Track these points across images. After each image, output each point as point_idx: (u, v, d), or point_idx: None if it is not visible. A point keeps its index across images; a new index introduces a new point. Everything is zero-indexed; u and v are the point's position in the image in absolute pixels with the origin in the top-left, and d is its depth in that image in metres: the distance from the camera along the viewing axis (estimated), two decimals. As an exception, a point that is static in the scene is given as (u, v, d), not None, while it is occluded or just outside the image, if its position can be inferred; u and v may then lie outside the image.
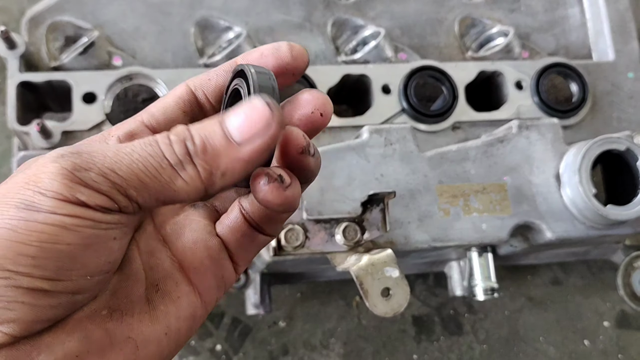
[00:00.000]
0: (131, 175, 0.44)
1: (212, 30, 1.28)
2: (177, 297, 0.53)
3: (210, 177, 0.46)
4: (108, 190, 0.44)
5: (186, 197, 0.47)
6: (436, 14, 1.36)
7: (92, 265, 0.45)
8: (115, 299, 0.50)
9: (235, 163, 0.46)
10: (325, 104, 0.54)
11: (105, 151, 0.45)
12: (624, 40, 1.34)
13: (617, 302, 1.52)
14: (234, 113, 0.46)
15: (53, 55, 1.22)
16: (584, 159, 1.05)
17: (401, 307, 0.91)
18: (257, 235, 0.56)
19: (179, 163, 0.45)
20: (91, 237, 0.44)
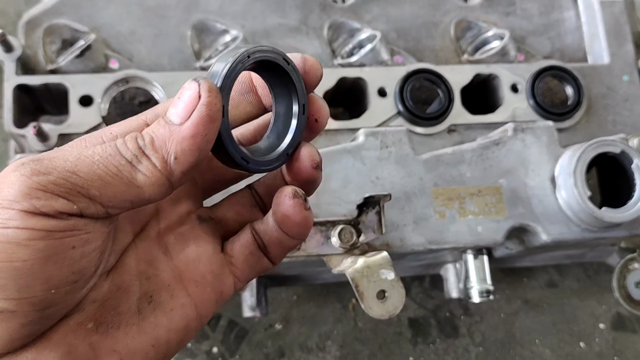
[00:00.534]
0: (92, 176, 0.45)
1: (209, 33, 1.28)
2: (171, 309, 0.53)
3: (165, 165, 0.46)
4: (67, 191, 0.44)
5: (152, 192, 0.47)
6: (432, 17, 1.36)
7: (54, 278, 0.44)
8: (103, 310, 0.50)
9: (182, 143, 0.46)
10: (321, 109, 0.56)
11: (67, 155, 0.45)
12: (619, 43, 1.34)
13: (613, 305, 1.52)
14: (172, 102, 0.47)
15: (50, 58, 1.22)
16: (579, 162, 1.06)
17: (397, 310, 0.91)
18: (263, 257, 0.58)
19: (135, 157, 0.46)
20: (47, 249, 0.43)
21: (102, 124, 1.15)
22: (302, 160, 0.55)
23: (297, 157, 0.55)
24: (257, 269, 0.58)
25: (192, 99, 0.46)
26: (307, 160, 0.55)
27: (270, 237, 0.56)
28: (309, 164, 0.55)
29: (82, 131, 1.14)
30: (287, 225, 0.54)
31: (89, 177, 0.45)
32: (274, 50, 0.53)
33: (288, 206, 0.53)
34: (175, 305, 0.53)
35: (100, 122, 1.15)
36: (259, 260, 0.58)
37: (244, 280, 0.58)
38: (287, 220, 0.53)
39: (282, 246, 0.57)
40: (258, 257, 0.57)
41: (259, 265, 0.58)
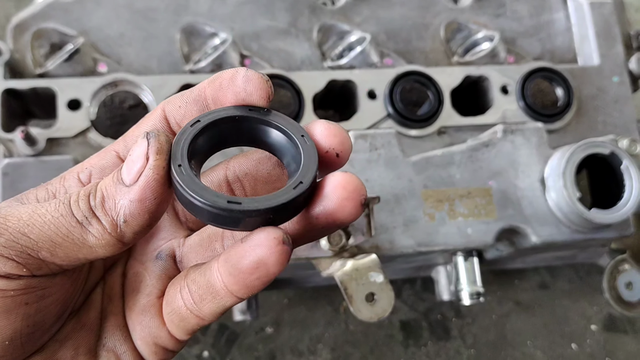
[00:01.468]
0: (42, 237, 0.44)
1: (198, 36, 1.28)
2: (123, 352, 0.51)
3: (115, 228, 0.44)
4: (17, 254, 0.43)
5: (104, 252, 0.45)
6: (422, 19, 1.36)
7: (7, 331, 0.44)
8: (63, 350, 0.49)
9: (131, 206, 0.43)
10: (344, 142, 0.47)
11: (21, 213, 0.44)
12: (609, 45, 1.34)
13: (604, 306, 1.53)
14: (126, 160, 0.44)
15: (38, 62, 1.21)
16: (569, 163, 1.06)
17: (385, 312, 0.91)
18: (189, 314, 0.49)
19: (85, 219, 0.44)
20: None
21: (90, 127, 1.14)
22: (339, 194, 0.43)
23: (334, 189, 0.44)
24: (188, 328, 0.50)
25: (141, 159, 0.43)
26: (350, 193, 0.43)
27: (205, 289, 0.47)
28: (355, 199, 0.43)
29: (71, 135, 1.13)
30: (247, 276, 0.43)
31: (40, 238, 0.44)
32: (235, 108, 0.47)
33: (269, 252, 0.42)
34: (128, 348, 0.51)
35: (88, 126, 1.14)
36: (185, 319, 0.49)
37: (180, 335, 0.51)
38: (255, 270, 0.43)
39: (217, 303, 0.47)
40: (183, 315, 0.49)
41: (188, 325, 0.49)
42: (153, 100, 1.17)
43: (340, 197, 0.43)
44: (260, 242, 0.42)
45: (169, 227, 0.55)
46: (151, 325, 0.50)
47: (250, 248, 0.42)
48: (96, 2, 1.25)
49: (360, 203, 0.43)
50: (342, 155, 0.47)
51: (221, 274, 0.45)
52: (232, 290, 0.45)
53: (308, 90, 1.20)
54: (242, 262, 0.43)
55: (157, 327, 0.50)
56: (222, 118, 0.47)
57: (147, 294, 0.51)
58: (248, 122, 0.48)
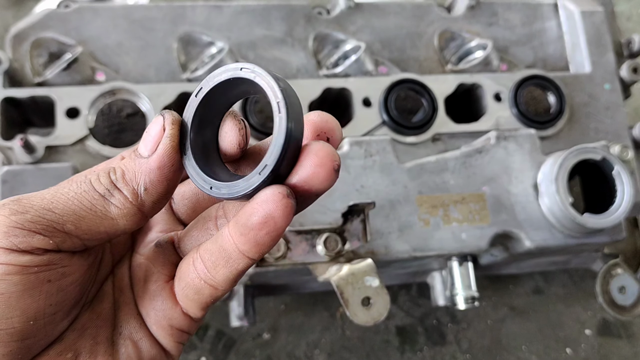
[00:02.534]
0: (67, 211, 0.47)
1: (195, 45, 1.30)
2: (139, 338, 0.54)
3: (136, 197, 0.48)
4: (44, 228, 0.46)
5: (126, 223, 0.49)
6: (416, 28, 1.38)
7: (31, 310, 0.46)
8: (82, 340, 0.51)
9: (150, 174, 0.48)
10: (334, 128, 0.49)
11: (44, 194, 0.48)
12: (600, 53, 1.36)
13: (598, 310, 1.54)
14: (142, 137, 0.49)
15: (37, 71, 1.23)
16: (561, 169, 1.07)
17: (381, 316, 0.92)
18: (204, 285, 0.51)
19: (107, 192, 0.48)
20: (22, 283, 0.45)
21: (88, 135, 1.15)
22: (312, 161, 0.45)
23: (307, 157, 0.46)
24: (202, 301, 0.52)
25: (158, 132, 0.48)
26: (321, 159, 0.45)
27: (218, 255, 0.50)
28: (327, 165, 0.45)
29: (69, 143, 1.15)
30: (256, 232, 0.46)
31: (64, 212, 0.47)
32: (229, 68, 0.49)
33: (275, 206, 0.44)
34: (143, 335, 0.54)
35: (87, 134, 1.15)
36: (199, 290, 0.51)
37: (193, 311, 0.53)
38: (264, 225, 0.45)
39: (230, 267, 0.50)
40: (197, 287, 0.51)
41: (202, 297, 0.52)
42: (151, 108, 1.18)
43: (313, 164, 0.45)
44: (267, 197, 0.45)
45: (167, 221, 0.59)
46: (164, 307, 0.53)
47: (258, 205, 0.45)
48: (94, 12, 1.27)
49: (333, 169, 0.45)
50: (332, 140, 0.49)
51: (232, 236, 0.47)
52: (244, 251, 0.47)
53: (304, 98, 1.22)
54: (251, 219, 0.45)
55: (171, 308, 0.53)
56: (219, 83, 0.50)
57: (155, 280, 0.54)
58: (244, 84, 0.50)
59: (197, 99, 0.50)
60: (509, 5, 1.43)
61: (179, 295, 0.53)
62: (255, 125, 1.18)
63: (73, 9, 1.26)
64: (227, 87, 0.51)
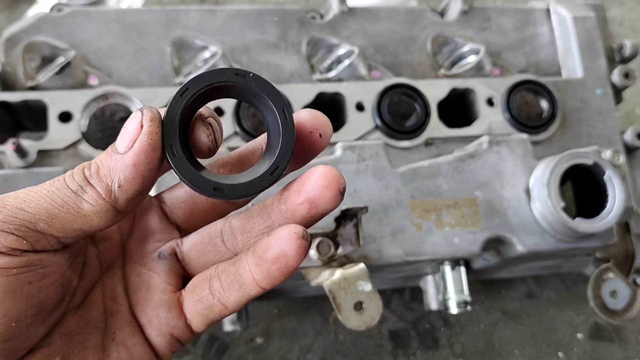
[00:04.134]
0: (39, 210, 0.47)
1: (188, 49, 1.30)
2: (133, 344, 0.54)
3: (109, 193, 0.48)
4: (16, 228, 0.46)
5: (100, 220, 0.49)
6: (409, 33, 1.38)
7: (13, 312, 0.46)
8: (70, 345, 0.51)
9: (125, 171, 0.47)
10: (324, 122, 0.52)
11: (18, 193, 0.47)
12: (592, 58, 1.37)
13: (590, 315, 1.54)
14: (120, 133, 0.49)
15: (29, 75, 1.22)
16: (553, 173, 1.08)
17: (374, 321, 0.93)
18: (215, 303, 0.53)
19: (80, 188, 0.48)
20: (3, 286, 0.45)
21: (81, 139, 1.15)
22: (319, 183, 0.48)
23: (315, 179, 0.49)
24: (210, 317, 0.54)
25: (135, 129, 0.47)
26: (329, 181, 0.48)
27: (234, 279, 0.52)
28: (334, 187, 0.49)
29: (62, 147, 1.14)
30: (270, 265, 0.48)
31: (36, 211, 0.47)
32: (221, 71, 0.50)
33: (290, 245, 0.47)
34: (137, 341, 0.54)
35: (79, 138, 1.15)
36: (210, 307, 0.53)
37: (197, 325, 0.55)
38: (277, 261, 0.48)
39: (243, 293, 0.52)
40: (209, 304, 0.53)
41: (211, 313, 0.54)
42: (144, 112, 1.18)
43: (320, 186, 0.48)
44: (283, 236, 0.47)
45: (162, 229, 0.58)
46: (169, 316, 0.54)
47: (274, 241, 0.48)
48: (87, 16, 1.27)
49: (339, 191, 0.49)
50: (324, 136, 0.51)
51: (249, 264, 0.50)
52: (257, 280, 0.50)
53: (297, 102, 1.22)
54: (267, 253, 0.48)
55: (175, 318, 0.54)
56: (209, 85, 0.50)
57: (162, 291, 0.55)
58: (235, 89, 0.51)
59: (182, 98, 0.49)
60: (502, 10, 1.44)
61: (188, 308, 0.54)
62: (249, 130, 1.18)
63: (66, 12, 1.26)
64: (218, 91, 0.51)
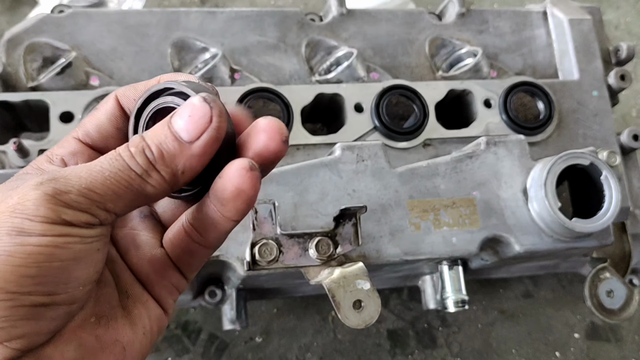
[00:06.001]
0: (107, 191, 0.49)
1: (189, 50, 1.31)
2: (146, 300, 0.58)
3: (174, 178, 0.51)
4: (89, 207, 0.48)
5: (157, 198, 0.53)
6: (407, 35, 1.39)
7: (83, 276, 0.49)
8: (99, 306, 0.54)
9: (191, 160, 0.50)
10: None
11: (79, 172, 0.49)
12: (588, 60, 1.38)
13: (587, 314, 1.55)
14: (178, 115, 0.51)
15: (31, 75, 1.23)
16: (550, 174, 1.09)
17: (372, 319, 0.93)
18: (197, 247, 0.58)
19: (145, 172, 0.50)
20: (81, 252, 0.48)
21: (82, 140, 1.16)
22: (263, 134, 0.53)
23: (258, 129, 0.54)
24: (196, 259, 0.59)
25: (204, 121, 0.50)
26: (270, 133, 0.53)
27: (200, 225, 0.56)
28: (275, 138, 0.53)
29: (63, 147, 1.15)
30: (233, 202, 0.52)
31: (104, 192, 0.49)
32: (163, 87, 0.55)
33: (242, 180, 0.51)
34: (148, 297, 0.58)
35: (81, 138, 1.16)
36: (193, 251, 0.58)
37: (189, 271, 0.60)
38: (237, 197, 0.51)
39: (220, 230, 0.56)
40: (191, 248, 0.58)
41: (197, 255, 0.59)
42: (144, 113, 1.19)
43: (264, 139, 0.53)
44: (233, 174, 0.51)
45: None
46: (165, 269, 0.59)
47: (227, 181, 0.51)
48: (88, 17, 1.27)
49: (282, 140, 0.53)
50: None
51: (215, 206, 0.53)
52: (228, 217, 0.53)
53: (296, 103, 1.23)
54: (224, 193, 0.51)
55: (171, 269, 0.59)
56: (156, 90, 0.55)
57: (151, 246, 0.59)
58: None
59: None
60: (499, 13, 1.45)
61: (175, 259, 0.59)
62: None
63: (67, 14, 1.27)
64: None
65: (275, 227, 0.99)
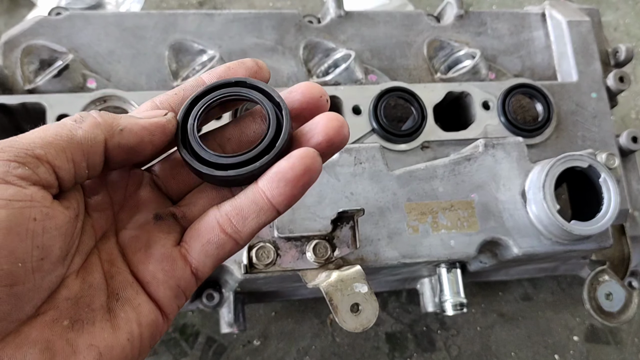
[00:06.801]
0: (34, 139, 0.49)
1: (186, 53, 1.30)
2: (138, 304, 0.55)
3: (110, 128, 0.53)
4: (16, 154, 0.47)
5: (90, 149, 0.52)
6: (405, 37, 1.39)
7: (18, 250, 0.46)
8: (77, 308, 0.52)
9: (133, 125, 0.54)
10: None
11: (21, 134, 0.50)
12: (587, 62, 1.38)
13: (587, 317, 1.55)
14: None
15: (28, 78, 1.23)
16: (548, 176, 1.08)
17: (370, 323, 0.93)
18: (227, 240, 0.57)
19: (79, 117, 0.52)
20: (8, 219, 0.45)
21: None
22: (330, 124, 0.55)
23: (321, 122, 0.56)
24: (220, 257, 0.58)
25: (158, 112, 0.55)
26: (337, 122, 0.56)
27: (249, 210, 0.56)
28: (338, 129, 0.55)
29: (60, 150, 1.15)
30: (295, 182, 0.53)
31: (31, 139, 0.49)
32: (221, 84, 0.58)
33: (312, 161, 0.52)
34: (142, 300, 0.56)
35: (78, 141, 1.15)
36: (221, 245, 0.57)
37: (205, 269, 0.58)
38: (304, 175, 0.52)
39: (259, 220, 0.56)
40: (221, 242, 0.57)
41: (222, 252, 0.57)
42: (142, 115, 1.18)
43: (334, 126, 0.55)
44: (305, 154, 0.52)
45: (155, 199, 0.61)
46: (175, 268, 0.57)
47: (297, 160, 0.52)
48: (86, 20, 1.27)
49: (344, 132, 0.55)
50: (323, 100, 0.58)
51: (266, 190, 0.54)
52: (276, 203, 0.54)
53: (294, 105, 1.22)
54: (290, 172, 0.52)
55: (181, 269, 0.57)
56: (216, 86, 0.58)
57: (162, 245, 0.57)
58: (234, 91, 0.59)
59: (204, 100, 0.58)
60: (497, 14, 1.45)
61: (194, 254, 0.57)
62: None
63: (64, 16, 1.27)
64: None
65: (273, 230, 0.98)
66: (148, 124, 0.54)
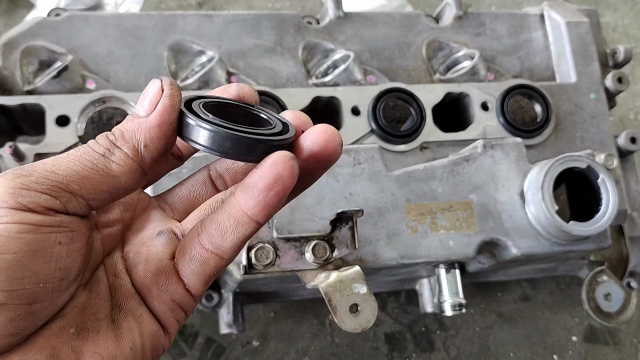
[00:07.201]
0: (70, 172, 0.48)
1: (185, 54, 1.30)
2: (140, 314, 0.56)
3: (137, 153, 0.51)
4: (49, 188, 0.47)
5: (128, 180, 0.51)
6: (404, 38, 1.39)
7: (42, 272, 0.47)
8: (83, 317, 0.52)
9: (150, 132, 0.50)
10: (306, 122, 0.56)
11: (45, 160, 0.49)
12: (585, 63, 1.38)
13: (585, 317, 1.55)
14: (138, 101, 0.52)
15: (27, 79, 1.23)
16: (547, 177, 1.08)
17: (369, 323, 0.93)
18: (210, 256, 0.55)
19: (107, 151, 0.50)
20: (36, 242, 0.46)
21: (78, 143, 1.16)
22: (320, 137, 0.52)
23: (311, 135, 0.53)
24: (206, 274, 0.56)
25: (156, 93, 0.50)
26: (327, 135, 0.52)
27: (226, 223, 0.54)
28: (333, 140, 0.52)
29: (59, 151, 1.15)
30: (266, 193, 0.50)
31: (67, 173, 0.48)
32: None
33: (283, 167, 0.49)
34: (144, 312, 0.56)
35: (77, 142, 1.16)
36: (205, 262, 0.55)
37: (195, 285, 0.56)
38: (275, 184, 0.50)
39: (238, 234, 0.54)
40: (203, 259, 0.55)
41: (207, 269, 0.55)
42: (141, 116, 1.18)
43: (322, 140, 0.52)
44: (275, 161, 0.49)
45: (161, 220, 0.62)
46: (168, 283, 0.56)
47: (267, 168, 0.49)
48: (85, 21, 1.27)
49: (338, 144, 0.53)
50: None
51: (241, 202, 0.51)
52: (253, 214, 0.51)
53: (293, 106, 1.23)
54: (261, 182, 0.49)
55: (174, 283, 0.56)
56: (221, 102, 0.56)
57: (159, 259, 0.57)
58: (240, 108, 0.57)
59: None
60: (496, 15, 1.45)
61: (183, 271, 0.56)
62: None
63: (64, 17, 1.27)
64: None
65: (272, 231, 0.98)
66: (158, 120, 0.51)
